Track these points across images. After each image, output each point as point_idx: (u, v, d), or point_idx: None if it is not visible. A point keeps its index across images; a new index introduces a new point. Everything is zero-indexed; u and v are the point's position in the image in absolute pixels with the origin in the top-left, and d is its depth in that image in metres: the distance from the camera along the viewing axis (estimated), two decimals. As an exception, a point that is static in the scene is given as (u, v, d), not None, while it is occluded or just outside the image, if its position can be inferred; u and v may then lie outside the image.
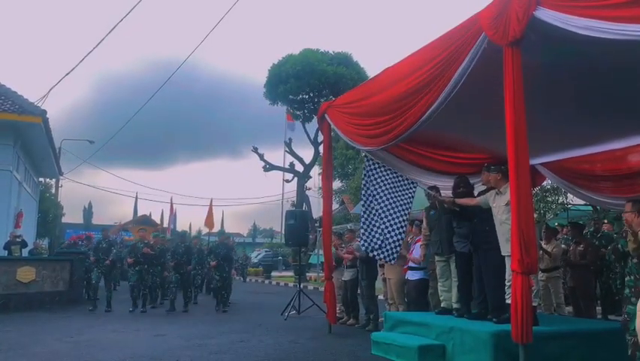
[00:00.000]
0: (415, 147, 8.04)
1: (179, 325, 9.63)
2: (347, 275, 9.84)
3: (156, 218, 45.01)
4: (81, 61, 16.44)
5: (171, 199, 26.84)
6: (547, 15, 4.33)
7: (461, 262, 6.68)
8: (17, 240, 14.43)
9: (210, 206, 23.95)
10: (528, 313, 4.59)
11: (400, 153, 8.04)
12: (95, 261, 12.11)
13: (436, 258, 7.25)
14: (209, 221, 23.53)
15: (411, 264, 8.28)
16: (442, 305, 7.07)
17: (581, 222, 10.13)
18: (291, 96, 27.41)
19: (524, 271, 4.62)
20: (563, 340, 5.51)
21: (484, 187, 6.69)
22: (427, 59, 5.75)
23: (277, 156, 46.10)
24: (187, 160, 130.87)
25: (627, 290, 4.89)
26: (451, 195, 6.93)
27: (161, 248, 12.67)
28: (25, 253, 14.96)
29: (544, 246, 8.52)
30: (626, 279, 4.95)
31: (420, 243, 8.19)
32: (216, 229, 29.38)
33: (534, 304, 5.62)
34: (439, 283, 7.19)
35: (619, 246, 4.81)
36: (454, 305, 6.78)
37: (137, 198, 50.85)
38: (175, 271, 12.31)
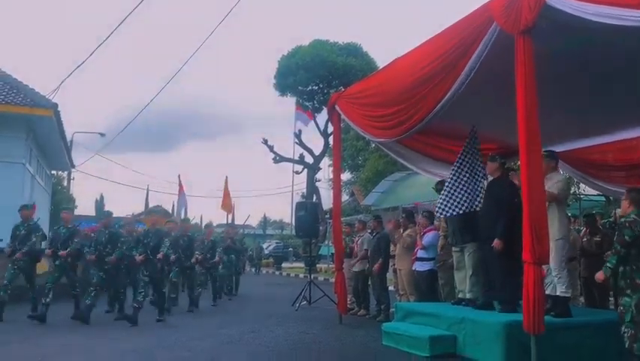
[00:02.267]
0: (427, 138, 8.00)
1: (190, 316, 9.69)
2: (358, 266, 9.85)
3: (169, 209, 45.10)
4: (91, 54, 16.53)
5: (179, 177, 21.61)
6: (559, 2, 4.28)
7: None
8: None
9: (226, 185, 19.99)
10: (540, 304, 4.57)
11: (410, 143, 8.02)
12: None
13: (452, 249, 7.26)
14: (226, 203, 19.83)
15: (419, 255, 8.25)
16: (458, 296, 7.06)
17: (593, 212, 10.04)
18: (300, 87, 27.38)
19: (536, 261, 4.60)
20: (576, 330, 5.47)
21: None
22: (438, 49, 5.71)
23: (287, 147, 46.07)
24: (197, 150, 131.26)
25: (622, 282, 4.83)
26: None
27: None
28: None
29: None
30: (620, 270, 4.89)
31: (429, 233, 8.21)
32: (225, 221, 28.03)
33: (567, 295, 5.63)
34: (455, 274, 7.18)
35: (625, 237, 4.78)
36: (467, 295, 6.77)
37: (148, 190, 50.95)
38: (98, 269, 9.23)
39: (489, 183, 6.52)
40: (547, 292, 5.30)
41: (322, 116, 27.18)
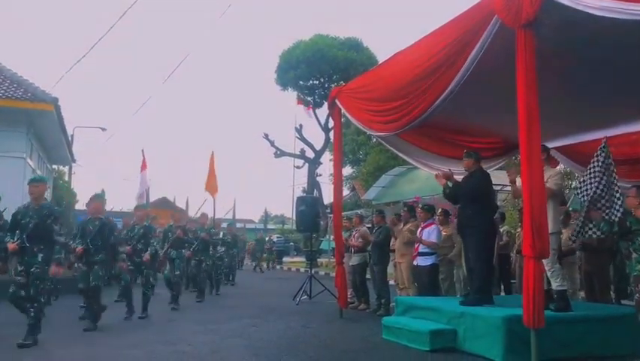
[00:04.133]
0: (428, 132, 8.00)
1: (191, 310, 9.71)
2: (355, 260, 9.86)
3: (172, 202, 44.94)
4: (91, 48, 16.56)
5: (142, 152, 20.49)
6: (560, -5, 4.26)
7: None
8: None
9: (211, 162, 16.55)
10: (540, 298, 4.57)
11: (411, 138, 8.00)
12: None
13: (461, 240, 7.31)
14: (210, 183, 16.28)
15: (421, 249, 8.26)
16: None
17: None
18: (301, 82, 27.40)
19: (536, 255, 4.61)
20: (576, 325, 5.48)
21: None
22: (438, 44, 5.70)
23: (288, 141, 46.05)
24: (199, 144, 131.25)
25: (639, 266, 4.90)
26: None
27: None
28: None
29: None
30: (633, 256, 4.98)
31: (428, 227, 8.22)
32: (228, 215, 27.25)
33: (563, 288, 5.66)
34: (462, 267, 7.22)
35: (628, 223, 4.87)
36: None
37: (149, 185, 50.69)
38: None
39: (467, 176, 6.60)
40: None
41: (323, 111, 27.21)
